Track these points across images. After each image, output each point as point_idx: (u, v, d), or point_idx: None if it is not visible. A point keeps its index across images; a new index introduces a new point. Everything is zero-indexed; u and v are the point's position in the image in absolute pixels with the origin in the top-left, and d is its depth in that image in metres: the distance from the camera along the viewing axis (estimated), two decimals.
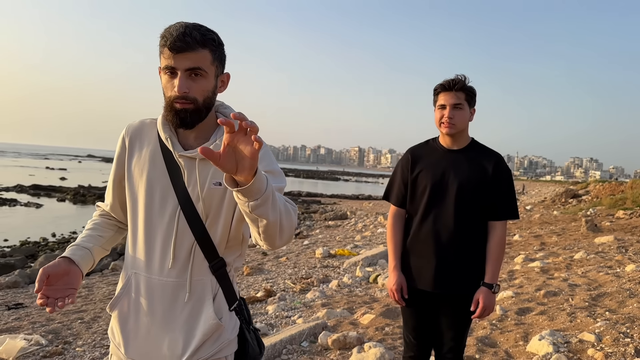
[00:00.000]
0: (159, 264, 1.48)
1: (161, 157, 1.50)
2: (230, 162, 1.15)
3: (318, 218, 22.22)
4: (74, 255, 1.49)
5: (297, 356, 4.14)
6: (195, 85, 1.41)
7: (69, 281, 1.44)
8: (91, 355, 4.62)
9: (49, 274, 1.39)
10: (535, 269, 7.25)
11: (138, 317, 1.50)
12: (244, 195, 1.20)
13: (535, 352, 3.81)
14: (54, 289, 1.41)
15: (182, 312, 1.47)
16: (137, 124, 1.58)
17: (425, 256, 2.43)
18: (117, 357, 1.56)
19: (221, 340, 1.50)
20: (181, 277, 1.47)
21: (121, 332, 1.52)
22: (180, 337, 1.47)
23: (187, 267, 1.47)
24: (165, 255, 1.47)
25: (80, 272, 1.48)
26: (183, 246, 1.47)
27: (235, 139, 1.13)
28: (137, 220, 1.51)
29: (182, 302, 1.47)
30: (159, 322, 1.48)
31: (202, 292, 1.48)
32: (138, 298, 1.50)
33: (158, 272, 1.48)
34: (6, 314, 6.40)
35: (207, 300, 1.48)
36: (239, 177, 1.18)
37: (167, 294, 1.47)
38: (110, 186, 1.62)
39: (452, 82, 2.37)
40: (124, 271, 1.57)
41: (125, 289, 1.53)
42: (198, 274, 1.48)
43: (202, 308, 1.47)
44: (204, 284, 1.49)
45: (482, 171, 2.40)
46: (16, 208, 23.81)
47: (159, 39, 1.42)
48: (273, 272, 8.74)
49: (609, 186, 24.23)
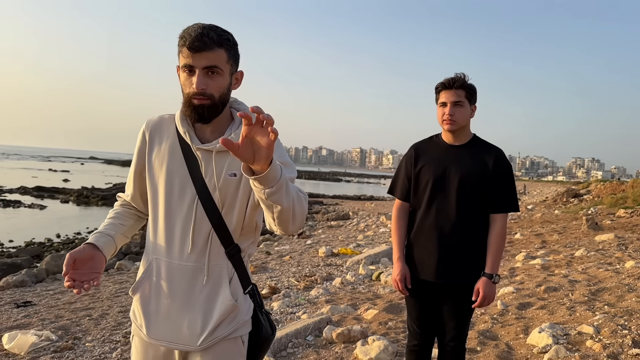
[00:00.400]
0: (179, 249, 1.57)
1: (180, 150, 1.60)
2: (248, 152, 1.25)
3: (320, 218, 22.31)
4: (98, 241, 1.59)
5: (303, 350, 4.24)
6: (212, 83, 1.50)
7: (93, 265, 1.54)
8: (101, 350, 4.72)
9: (75, 258, 1.49)
10: (536, 266, 7.34)
11: (159, 299, 1.60)
12: (260, 183, 1.30)
13: (535, 344, 3.90)
14: (79, 273, 1.51)
15: (201, 294, 1.57)
16: (157, 119, 1.68)
17: (428, 248, 2.54)
18: (139, 338, 1.65)
19: (237, 321, 1.60)
20: (199, 261, 1.56)
21: (143, 313, 1.62)
22: (199, 318, 1.56)
23: (205, 252, 1.56)
24: (184, 241, 1.56)
25: (103, 257, 1.58)
26: (201, 233, 1.56)
27: (252, 130, 1.23)
28: (158, 209, 1.61)
29: (201, 285, 1.57)
30: (179, 304, 1.57)
31: (219, 276, 1.58)
32: (159, 281, 1.60)
33: (178, 257, 1.57)
34: (15, 312, 6.51)
35: (224, 283, 1.57)
36: (256, 166, 1.27)
37: (187, 277, 1.57)
38: (131, 177, 1.72)
39: (452, 80, 2.48)
40: (145, 257, 1.67)
41: (147, 273, 1.62)
42: (215, 259, 1.57)
43: (219, 290, 1.57)
44: (220, 268, 1.58)
45: (483, 165, 2.49)
46: (20, 209, 23.94)
47: (177, 39, 1.51)
48: (277, 271, 8.84)
49: (610, 185, 24.29)
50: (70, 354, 4.59)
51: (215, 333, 1.57)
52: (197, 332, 1.56)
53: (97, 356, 4.53)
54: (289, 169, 1.52)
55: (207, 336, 1.56)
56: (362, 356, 3.94)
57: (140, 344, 1.65)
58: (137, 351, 1.66)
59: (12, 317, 6.18)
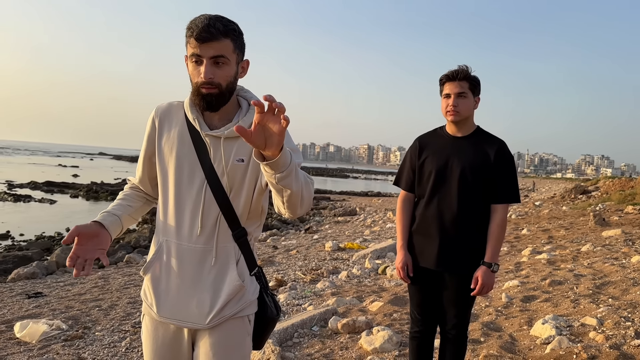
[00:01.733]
0: (188, 231, 1.62)
1: (189, 136, 1.65)
2: (260, 138, 1.30)
3: (327, 214, 22.38)
4: (105, 220, 1.65)
5: (308, 339, 4.30)
6: (219, 72, 1.55)
7: (98, 242, 1.60)
8: (110, 339, 4.81)
9: (79, 231, 1.55)
10: (542, 260, 7.36)
11: (169, 279, 1.65)
12: (271, 168, 1.36)
13: (538, 335, 3.94)
14: (84, 249, 1.56)
15: (209, 274, 1.62)
16: (166, 106, 1.73)
17: (430, 236, 2.59)
18: (150, 316, 1.71)
19: (243, 301, 1.66)
20: (208, 243, 1.62)
21: (154, 293, 1.67)
22: (208, 297, 1.62)
23: (214, 235, 1.62)
24: (193, 224, 1.62)
25: (109, 235, 1.64)
26: (209, 216, 1.62)
27: (265, 118, 1.28)
28: (168, 192, 1.66)
29: (209, 266, 1.62)
30: (188, 284, 1.63)
31: (227, 258, 1.63)
32: (169, 262, 1.65)
33: (187, 239, 1.62)
34: (27, 302, 6.62)
35: (231, 265, 1.63)
36: (267, 152, 1.33)
37: (196, 258, 1.62)
38: (141, 162, 1.77)
39: (455, 72, 2.52)
40: (155, 238, 1.72)
41: (157, 254, 1.67)
42: (223, 241, 1.63)
43: (227, 271, 1.63)
44: (228, 250, 1.64)
45: (485, 157, 2.53)
46: (30, 204, 24.22)
47: (185, 30, 1.56)
48: (284, 264, 8.91)
49: (619, 182, 24.15)
50: (81, 342, 4.69)
51: (223, 312, 1.63)
52: (205, 311, 1.62)
53: (107, 345, 4.61)
54: (296, 154, 1.56)
55: (214, 315, 1.62)
56: (366, 346, 3.99)
57: (151, 322, 1.70)
58: (147, 329, 1.71)
59: (23, 307, 6.30)
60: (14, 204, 23.60)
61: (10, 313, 5.99)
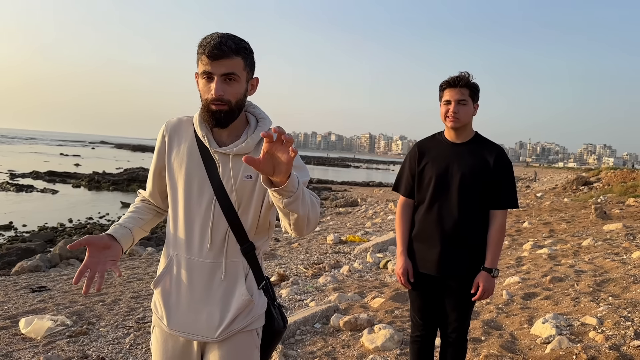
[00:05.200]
0: (198, 246, 1.66)
1: (198, 152, 1.68)
2: (268, 166, 1.34)
3: (329, 205, 22.41)
4: (116, 233, 1.69)
5: (310, 337, 4.35)
6: (229, 89, 1.58)
7: (110, 254, 1.64)
8: (114, 335, 4.86)
9: (90, 242, 1.58)
10: (543, 255, 7.39)
11: (179, 292, 1.69)
12: (279, 194, 1.39)
13: (538, 334, 3.97)
14: (95, 261, 1.60)
15: (219, 289, 1.66)
16: (175, 121, 1.76)
17: (431, 242, 2.61)
18: (160, 328, 1.74)
19: (252, 315, 1.69)
20: (217, 258, 1.66)
21: (164, 305, 1.71)
22: (217, 311, 1.66)
23: (223, 250, 1.66)
24: (203, 239, 1.66)
25: (120, 247, 1.67)
26: (219, 231, 1.65)
27: (273, 147, 1.32)
28: (178, 207, 1.70)
29: (219, 281, 1.66)
30: (198, 298, 1.67)
31: (236, 272, 1.67)
32: (179, 276, 1.69)
33: (197, 253, 1.66)
34: (31, 297, 6.68)
35: (240, 279, 1.67)
36: (275, 178, 1.36)
37: (205, 273, 1.66)
38: (151, 176, 1.81)
39: (456, 79, 2.53)
40: (165, 252, 1.76)
41: (168, 268, 1.72)
42: (232, 256, 1.67)
43: (236, 286, 1.66)
44: (237, 264, 1.67)
45: (484, 163, 2.56)
46: (33, 194, 24.27)
47: (196, 47, 1.60)
48: (285, 258, 8.96)
49: (621, 173, 24.13)
50: (85, 338, 4.74)
51: (232, 326, 1.66)
52: (215, 324, 1.66)
53: (111, 341, 4.66)
54: (302, 172, 1.60)
55: (224, 329, 1.66)
56: (368, 344, 4.04)
57: (161, 334, 1.74)
58: (157, 341, 1.75)
59: (27, 302, 6.35)
60: (16, 194, 23.65)
61: (15, 308, 6.05)
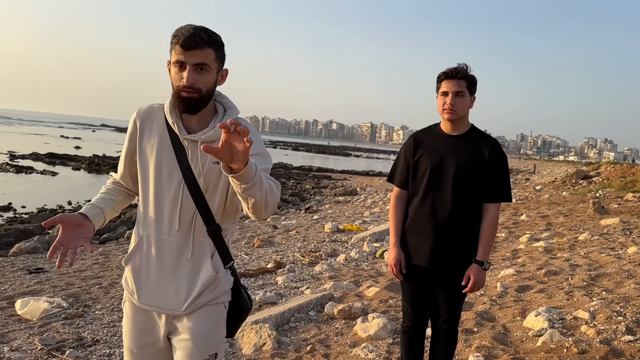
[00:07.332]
0: (167, 226, 1.76)
1: (168, 139, 1.77)
2: (227, 154, 1.43)
3: (328, 193, 22.44)
4: (88, 212, 1.79)
5: (305, 324, 4.38)
6: (200, 78, 1.67)
7: (82, 232, 1.73)
8: (110, 318, 4.89)
9: (63, 219, 1.69)
10: (539, 248, 7.41)
11: (149, 269, 1.79)
12: (237, 180, 1.49)
13: (531, 327, 4.00)
14: (68, 238, 1.70)
15: (186, 266, 1.77)
16: (146, 109, 1.84)
17: (423, 234, 2.62)
18: (130, 302, 1.85)
19: (217, 290, 1.80)
20: (185, 238, 1.76)
21: (134, 281, 1.81)
22: (184, 286, 1.77)
23: (190, 230, 1.76)
24: (172, 220, 1.76)
25: (92, 226, 1.78)
26: (187, 213, 1.76)
27: (230, 138, 1.42)
28: (148, 190, 1.79)
29: (186, 259, 1.77)
30: (166, 274, 1.78)
31: (202, 251, 1.78)
32: (149, 254, 1.79)
33: (167, 233, 1.77)
34: (28, 278, 6.71)
35: (206, 258, 1.78)
36: (234, 165, 1.45)
37: (174, 251, 1.77)
38: (122, 159, 1.90)
39: (454, 71, 2.52)
40: (135, 231, 1.86)
41: (138, 246, 1.81)
42: (199, 236, 1.77)
43: (202, 264, 1.77)
44: (203, 244, 1.78)
45: (479, 156, 2.55)
46: (32, 175, 24.29)
47: (170, 37, 1.68)
48: (283, 245, 8.98)
49: (620, 168, 24.12)
50: (81, 321, 4.77)
51: (198, 300, 1.77)
52: (182, 298, 1.77)
53: (106, 324, 4.69)
54: (265, 160, 1.73)
55: (190, 302, 1.77)
56: (361, 333, 4.06)
57: (131, 308, 1.85)
58: (127, 315, 1.86)
59: (24, 283, 6.39)
60: (15, 175, 23.68)
61: (11, 289, 6.08)
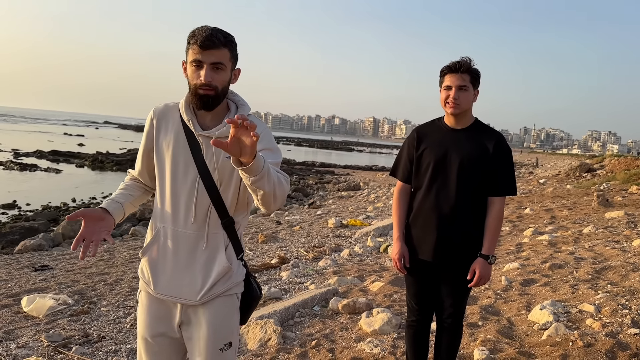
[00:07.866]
0: (184, 219, 1.84)
1: (184, 135, 1.85)
2: (235, 148, 1.51)
3: (331, 188, 22.44)
4: (109, 206, 1.88)
5: (309, 319, 4.39)
6: (217, 76, 1.76)
7: (103, 225, 1.83)
8: (115, 314, 4.91)
9: (85, 214, 1.78)
10: (543, 242, 7.39)
11: (165, 260, 1.86)
12: (246, 173, 1.55)
13: (536, 320, 4.00)
14: (90, 231, 1.79)
15: (201, 257, 1.84)
16: (162, 107, 1.92)
17: (427, 228, 2.61)
18: (146, 292, 1.92)
19: (231, 281, 1.88)
20: (200, 230, 1.84)
21: (151, 272, 1.88)
22: (199, 277, 1.84)
23: (205, 222, 1.84)
24: (188, 213, 1.83)
25: (113, 220, 1.86)
26: (202, 206, 1.83)
27: (238, 132, 1.49)
28: (165, 185, 1.87)
29: (201, 250, 1.84)
30: (182, 265, 1.85)
31: (217, 243, 1.85)
32: (166, 245, 1.86)
33: (183, 225, 1.84)
34: (33, 275, 6.74)
35: (220, 249, 1.85)
36: (243, 159, 1.53)
37: (189, 243, 1.84)
38: (140, 156, 1.98)
39: (458, 64, 2.50)
40: (152, 224, 1.92)
41: (155, 238, 1.88)
42: (213, 229, 1.85)
43: (217, 255, 1.84)
44: (217, 236, 1.85)
45: (483, 150, 2.54)
46: (36, 173, 24.38)
47: (187, 38, 1.77)
48: (287, 241, 9.00)
49: (625, 161, 24.03)
50: (87, 318, 4.79)
51: (213, 290, 1.84)
52: (197, 288, 1.83)
53: (112, 320, 4.72)
54: (274, 154, 1.81)
55: (205, 292, 1.83)
56: (366, 327, 4.07)
57: (147, 297, 1.91)
58: (142, 304, 1.92)
59: (30, 281, 6.42)
60: (20, 173, 23.77)
61: (17, 286, 6.11)
